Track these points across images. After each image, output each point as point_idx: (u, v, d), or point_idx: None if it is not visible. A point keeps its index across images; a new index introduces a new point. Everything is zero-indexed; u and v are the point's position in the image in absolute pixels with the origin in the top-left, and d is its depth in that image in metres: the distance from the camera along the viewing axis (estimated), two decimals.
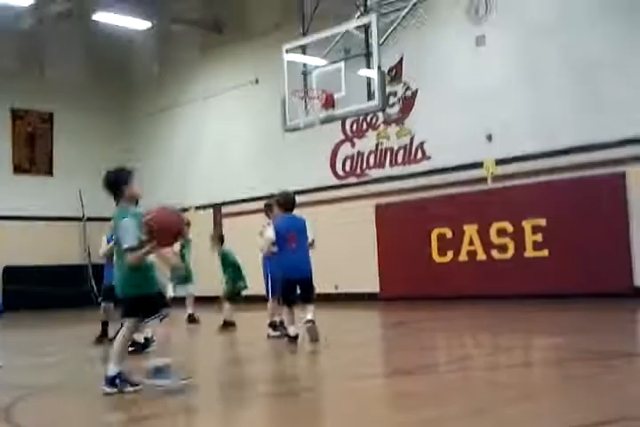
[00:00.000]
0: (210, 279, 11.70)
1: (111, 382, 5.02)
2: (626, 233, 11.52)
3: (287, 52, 11.96)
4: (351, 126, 15.63)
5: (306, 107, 11.38)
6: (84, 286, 19.38)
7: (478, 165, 13.35)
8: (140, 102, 20.63)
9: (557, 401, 4.33)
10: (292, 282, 7.57)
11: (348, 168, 15.75)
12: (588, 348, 6.29)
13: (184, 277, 10.84)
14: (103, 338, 8.61)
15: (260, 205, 9.09)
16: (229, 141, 18.11)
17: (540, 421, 3.76)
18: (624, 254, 11.50)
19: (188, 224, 9.64)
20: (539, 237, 12.46)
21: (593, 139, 11.85)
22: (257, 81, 17.36)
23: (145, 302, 5.09)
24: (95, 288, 19.22)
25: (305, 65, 11.75)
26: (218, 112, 18.57)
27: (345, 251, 14.67)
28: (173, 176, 19.28)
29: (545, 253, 12.38)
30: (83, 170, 19.22)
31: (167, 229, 5.02)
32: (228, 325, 9.53)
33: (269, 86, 15.63)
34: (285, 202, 7.77)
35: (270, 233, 7.61)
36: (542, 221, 12.40)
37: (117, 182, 5.23)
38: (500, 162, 13.08)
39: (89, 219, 19.88)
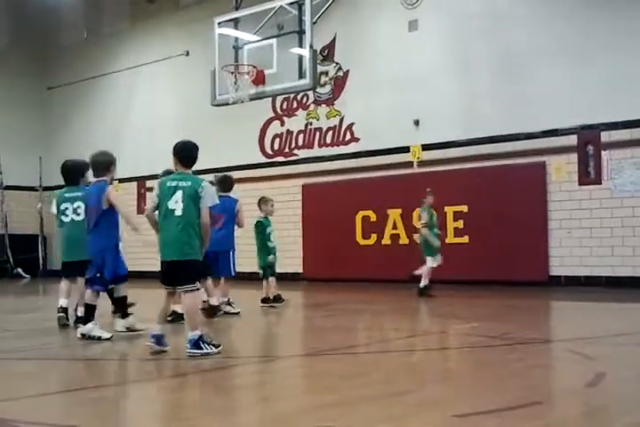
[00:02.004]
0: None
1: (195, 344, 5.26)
2: (544, 222, 11.81)
3: (219, 25, 11.71)
4: (281, 105, 15.51)
5: (236, 82, 11.18)
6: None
7: (405, 150, 13.45)
8: (67, 70, 19.95)
9: (473, 385, 4.39)
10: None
11: (276, 147, 15.64)
12: (503, 334, 6.41)
13: None
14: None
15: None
16: (158, 114, 17.72)
17: (456, 404, 3.80)
18: (542, 243, 11.80)
19: None
20: (460, 224, 12.66)
21: (517, 128, 12.09)
22: (187, 53, 17.01)
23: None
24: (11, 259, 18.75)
25: (236, 39, 11.52)
26: (147, 84, 18.14)
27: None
28: (100, 147, 18.68)
29: (465, 239, 12.59)
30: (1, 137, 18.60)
31: None
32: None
33: (200, 60, 15.33)
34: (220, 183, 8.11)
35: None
36: (464, 208, 12.59)
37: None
38: (426, 147, 13.20)
39: (7, 187, 19.26)
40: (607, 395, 4.08)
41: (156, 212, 5.54)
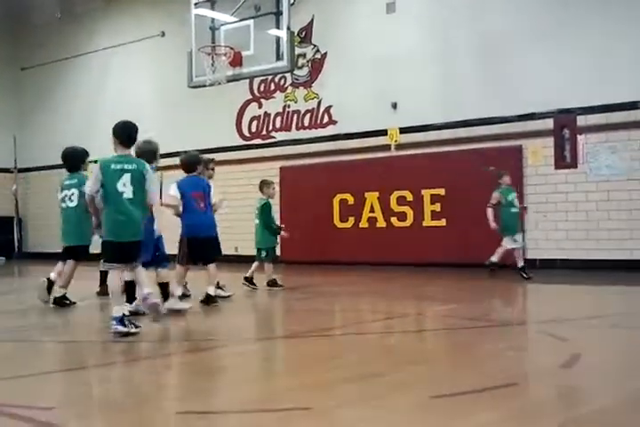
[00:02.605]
0: None
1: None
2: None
3: (195, 5, 11.57)
4: (259, 87, 15.41)
5: (213, 63, 11.07)
6: None
7: (383, 133, 13.44)
8: (41, 51, 19.63)
9: (449, 366, 4.43)
10: (199, 241, 7.43)
11: (254, 129, 15.57)
12: (479, 316, 6.47)
13: None
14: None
15: (166, 161, 8.77)
16: (133, 95, 17.51)
17: (432, 385, 3.83)
18: None
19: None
20: (437, 207, 12.71)
21: (494, 112, 12.12)
22: (163, 34, 16.81)
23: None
24: None
25: (213, 20, 11.39)
26: (122, 65, 17.91)
27: (247, 212, 14.55)
28: (74, 128, 18.53)
29: (442, 222, 12.65)
30: None
31: None
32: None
33: (176, 41, 15.16)
34: (186, 162, 7.67)
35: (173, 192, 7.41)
36: (442, 191, 12.64)
37: None
38: (403, 131, 13.20)
39: None
40: (582, 376, 4.13)
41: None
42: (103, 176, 5.55)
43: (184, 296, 7.61)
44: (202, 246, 7.42)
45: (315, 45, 14.54)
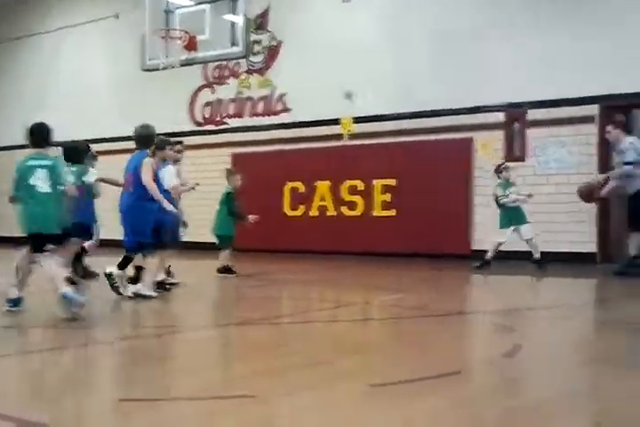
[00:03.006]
0: None
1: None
2: (469, 197, 12.05)
3: None
4: (213, 72, 15.27)
5: (167, 47, 10.96)
6: None
7: (336, 122, 13.47)
8: None
9: (394, 355, 4.49)
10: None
11: (207, 115, 15.45)
12: (425, 305, 6.56)
13: None
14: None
15: (120, 145, 8.68)
16: (86, 78, 17.17)
17: (377, 373, 3.88)
18: (466, 217, 12.06)
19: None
20: (388, 197, 12.80)
21: (446, 104, 12.24)
22: (117, 16, 16.49)
23: None
24: None
25: (168, 3, 11.28)
26: (75, 46, 17.53)
27: (196, 199, 14.45)
28: (25, 109, 18.10)
29: (393, 212, 12.75)
30: None
31: None
32: None
33: (130, 23, 14.93)
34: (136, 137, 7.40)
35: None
36: (392, 182, 12.73)
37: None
38: (357, 120, 13.24)
39: None
40: (524, 366, 4.23)
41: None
42: (20, 172, 5.88)
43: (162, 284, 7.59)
44: None
45: (271, 32, 14.46)
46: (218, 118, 15.27)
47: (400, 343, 4.96)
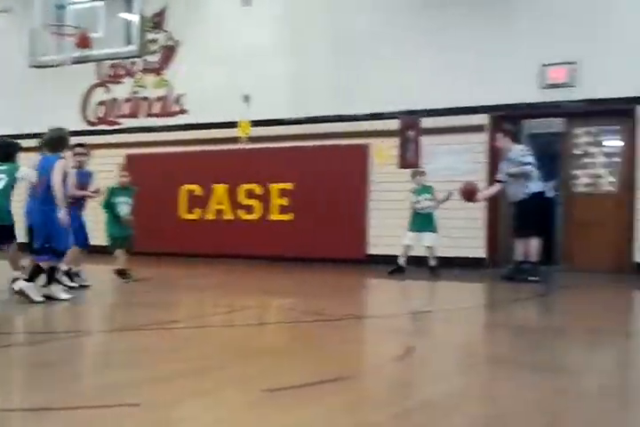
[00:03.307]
0: None
1: None
2: (364, 202, 12.21)
3: None
4: (107, 71, 14.90)
5: (59, 44, 10.59)
6: None
7: (234, 125, 13.38)
8: None
9: (287, 360, 4.46)
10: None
11: (100, 114, 15.05)
12: (321, 309, 6.57)
13: None
14: None
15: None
16: None
17: (268, 379, 3.84)
18: (361, 222, 12.21)
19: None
20: (285, 201, 12.82)
21: (343, 110, 12.37)
22: (7, 9, 15.83)
23: None
24: None
25: None
26: None
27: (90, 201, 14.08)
28: None
29: (290, 216, 12.78)
30: None
31: None
32: None
33: (20, 17, 14.36)
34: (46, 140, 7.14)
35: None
36: (290, 186, 12.75)
37: None
38: (254, 124, 13.19)
39: None
40: (414, 369, 4.29)
41: None
42: None
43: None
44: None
45: (167, 32, 14.23)
46: (112, 118, 14.90)
47: (294, 348, 4.95)
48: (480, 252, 11.41)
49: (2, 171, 7.66)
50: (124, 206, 9.00)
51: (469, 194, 9.63)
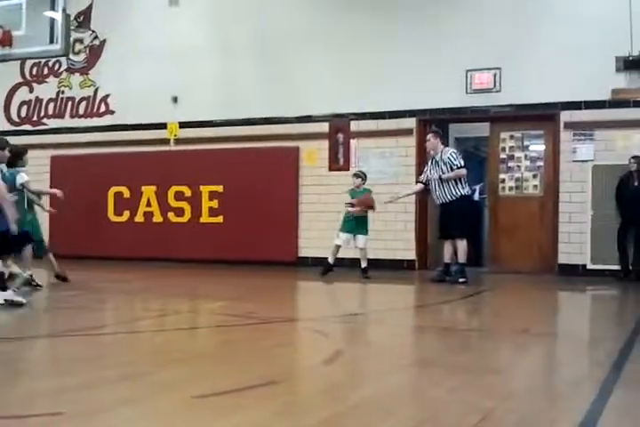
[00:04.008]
0: None
1: None
2: (295, 205, 12.20)
3: None
4: (31, 70, 14.50)
5: None
6: None
7: (162, 126, 13.20)
8: None
9: (216, 365, 4.41)
10: None
11: (23, 114, 14.63)
12: (250, 312, 6.52)
13: None
14: None
15: None
16: None
17: (198, 384, 3.78)
18: (293, 224, 12.19)
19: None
20: (215, 204, 12.70)
21: (273, 113, 12.34)
22: None
23: None
24: None
25: None
26: None
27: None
28: None
29: (220, 219, 12.66)
30: None
31: None
32: None
33: None
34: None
35: None
36: (220, 188, 12.64)
37: None
38: (183, 125, 13.05)
39: None
40: (344, 372, 4.29)
41: None
42: None
43: None
44: None
45: (93, 31, 13.95)
46: (36, 118, 14.51)
47: (225, 352, 4.89)
48: (410, 254, 11.53)
49: None
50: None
51: (366, 205, 9.95)
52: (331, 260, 10.11)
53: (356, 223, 10.07)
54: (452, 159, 9.40)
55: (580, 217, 10.63)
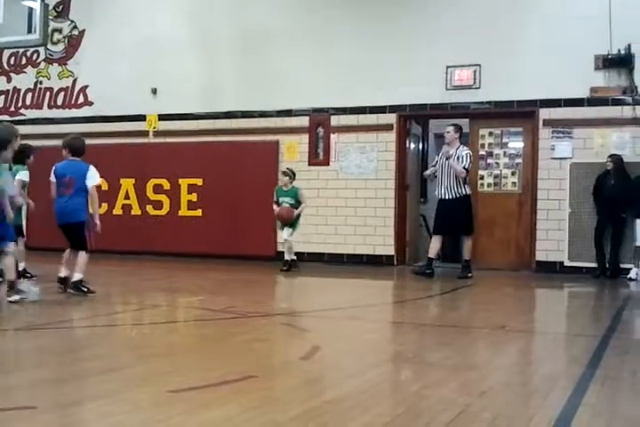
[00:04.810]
0: None
1: None
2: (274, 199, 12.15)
3: None
4: (8, 59, 14.33)
5: None
6: None
7: (141, 118, 13.10)
8: None
9: (193, 359, 4.39)
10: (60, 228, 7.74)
11: (0, 104, 14.47)
12: (228, 307, 6.50)
13: None
14: None
15: None
16: None
17: (174, 378, 3.76)
18: (271, 219, 12.13)
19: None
20: (194, 197, 12.62)
21: (253, 106, 12.27)
22: None
23: None
24: None
25: None
26: None
27: None
28: None
29: (199, 212, 12.59)
30: None
31: None
32: None
33: None
34: (69, 146, 7.94)
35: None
36: (199, 181, 12.57)
37: None
38: (163, 118, 12.96)
39: None
40: (320, 367, 4.29)
41: None
42: None
43: None
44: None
45: (72, 21, 13.79)
46: (13, 109, 14.35)
47: (201, 347, 4.87)
48: (389, 249, 11.54)
49: None
50: None
51: (285, 218, 10.29)
52: (287, 256, 10.36)
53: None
54: (464, 158, 9.50)
55: (557, 214, 10.69)
